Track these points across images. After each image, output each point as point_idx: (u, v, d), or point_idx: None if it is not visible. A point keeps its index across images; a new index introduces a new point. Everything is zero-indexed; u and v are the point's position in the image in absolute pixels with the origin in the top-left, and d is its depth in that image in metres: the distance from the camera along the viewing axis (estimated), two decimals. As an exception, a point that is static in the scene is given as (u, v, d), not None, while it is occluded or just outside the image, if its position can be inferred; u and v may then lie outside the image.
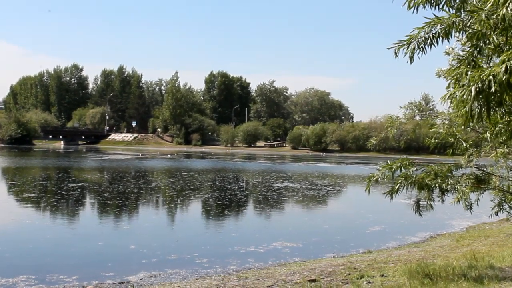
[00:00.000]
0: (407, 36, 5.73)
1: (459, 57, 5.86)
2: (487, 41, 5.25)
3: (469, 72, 4.99)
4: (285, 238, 15.74)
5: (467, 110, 4.96)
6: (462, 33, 5.69)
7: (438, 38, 5.63)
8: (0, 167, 48.00)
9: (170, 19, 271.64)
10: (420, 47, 5.67)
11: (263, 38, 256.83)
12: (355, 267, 10.81)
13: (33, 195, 25.74)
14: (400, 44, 5.74)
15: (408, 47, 5.69)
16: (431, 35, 5.61)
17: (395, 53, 5.75)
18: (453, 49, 8.01)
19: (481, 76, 4.71)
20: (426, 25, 5.61)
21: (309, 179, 41.15)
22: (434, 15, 5.67)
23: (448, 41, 5.80)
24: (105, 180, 35.87)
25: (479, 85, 4.73)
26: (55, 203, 23.17)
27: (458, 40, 7.33)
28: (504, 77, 4.57)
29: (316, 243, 15.70)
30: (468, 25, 5.35)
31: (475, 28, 5.22)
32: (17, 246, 14.46)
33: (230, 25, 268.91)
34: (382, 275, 9.74)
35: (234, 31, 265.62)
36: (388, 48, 5.75)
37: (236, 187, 32.71)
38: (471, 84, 4.80)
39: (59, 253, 13.60)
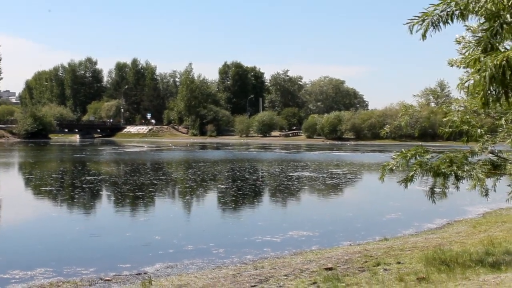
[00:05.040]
0: (421, 12, 5.65)
1: (477, 37, 5.77)
2: (503, 22, 5.16)
3: (482, 58, 4.94)
4: (301, 227, 15.75)
5: (482, 96, 4.92)
6: (474, 17, 5.61)
7: (453, 16, 5.55)
8: (18, 162, 48.45)
9: (182, 10, 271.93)
10: (434, 24, 5.59)
11: (277, 28, 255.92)
12: (372, 255, 10.80)
13: (52, 188, 25.96)
14: (415, 21, 5.66)
15: (422, 23, 5.61)
16: (445, 13, 5.53)
17: (410, 30, 5.66)
18: (463, 38, 7.95)
19: (495, 61, 4.65)
20: (442, 2, 5.54)
21: (325, 167, 41.09)
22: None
23: (464, 21, 5.73)
24: (123, 173, 36.07)
25: (493, 70, 4.68)
26: (75, 196, 23.35)
27: (468, 29, 7.26)
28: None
29: (332, 232, 15.70)
30: (482, 4, 5.26)
31: (488, 7, 5.15)
32: (35, 239, 14.61)
33: (243, 15, 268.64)
34: (399, 262, 9.73)
35: (247, 21, 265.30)
36: (404, 24, 5.67)
37: (253, 177, 32.75)
38: (485, 69, 4.74)
39: (77, 246, 13.70)
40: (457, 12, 5.50)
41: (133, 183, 27.75)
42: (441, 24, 5.59)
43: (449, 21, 5.57)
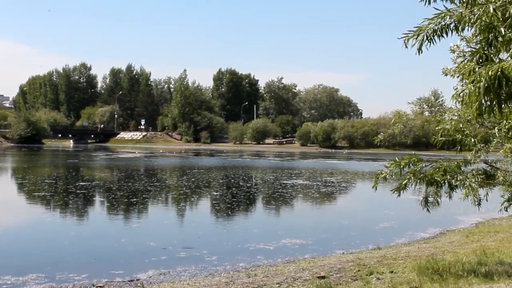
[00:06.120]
0: (416, 27, 5.68)
1: (471, 49, 5.79)
2: (497, 34, 5.19)
3: (476, 68, 4.96)
4: (295, 235, 15.75)
5: (476, 106, 4.94)
6: (469, 29, 5.64)
7: (447, 30, 5.58)
8: (11, 167, 48.26)
9: (177, 16, 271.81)
10: (429, 38, 5.61)
11: (271, 35, 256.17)
12: (365, 264, 10.80)
13: (46, 194, 25.86)
14: (410, 35, 5.68)
15: (417, 38, 5.63)
16: (440, 27, 5.56)
17: (405, 44, 5.67)
18: (458, 47, 7.98)
19: (490, 72, 4.68)
20: (436, 16, 5.56)
21: (319, 175, 41.12)
22: (445, 7, 5.62)
23: (458, 33, 5.75)
24: (117, 179, 35.96)
25: (488, 80, 4.70)
26: (68, 202, 23.27)
27: (462, 39, 7.29)
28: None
29: (325, 240, 15.71)
30: (477, 17, 5.29)
31: (483, 19, 5.17)
32: (28, 245, 14.57)
33: (238, 21, 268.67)
34: (392, 272, 9.72)
35: (242, 28, 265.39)
36: (399, 38, 5.69)
37: (247, 185, 32.73)
38: (481, 80, 4.77)
39: (70, 251, 13.65)
40: (451, 25, 5.53)
41: (127, 189, 27.69)
42: (435, 37, 5.62)
43: (444, 34, 5.60)
